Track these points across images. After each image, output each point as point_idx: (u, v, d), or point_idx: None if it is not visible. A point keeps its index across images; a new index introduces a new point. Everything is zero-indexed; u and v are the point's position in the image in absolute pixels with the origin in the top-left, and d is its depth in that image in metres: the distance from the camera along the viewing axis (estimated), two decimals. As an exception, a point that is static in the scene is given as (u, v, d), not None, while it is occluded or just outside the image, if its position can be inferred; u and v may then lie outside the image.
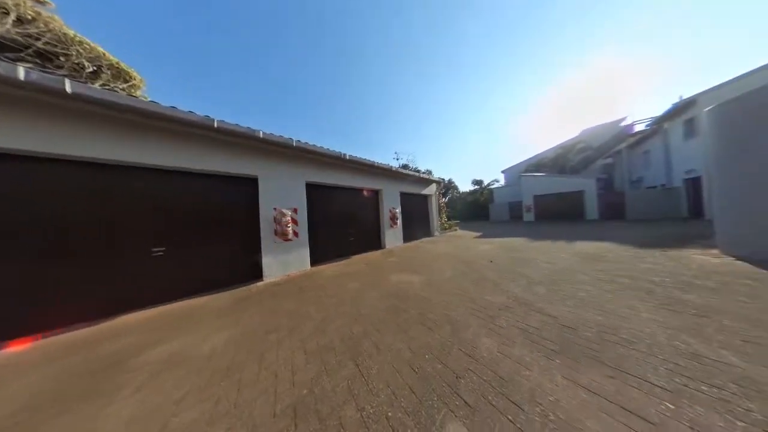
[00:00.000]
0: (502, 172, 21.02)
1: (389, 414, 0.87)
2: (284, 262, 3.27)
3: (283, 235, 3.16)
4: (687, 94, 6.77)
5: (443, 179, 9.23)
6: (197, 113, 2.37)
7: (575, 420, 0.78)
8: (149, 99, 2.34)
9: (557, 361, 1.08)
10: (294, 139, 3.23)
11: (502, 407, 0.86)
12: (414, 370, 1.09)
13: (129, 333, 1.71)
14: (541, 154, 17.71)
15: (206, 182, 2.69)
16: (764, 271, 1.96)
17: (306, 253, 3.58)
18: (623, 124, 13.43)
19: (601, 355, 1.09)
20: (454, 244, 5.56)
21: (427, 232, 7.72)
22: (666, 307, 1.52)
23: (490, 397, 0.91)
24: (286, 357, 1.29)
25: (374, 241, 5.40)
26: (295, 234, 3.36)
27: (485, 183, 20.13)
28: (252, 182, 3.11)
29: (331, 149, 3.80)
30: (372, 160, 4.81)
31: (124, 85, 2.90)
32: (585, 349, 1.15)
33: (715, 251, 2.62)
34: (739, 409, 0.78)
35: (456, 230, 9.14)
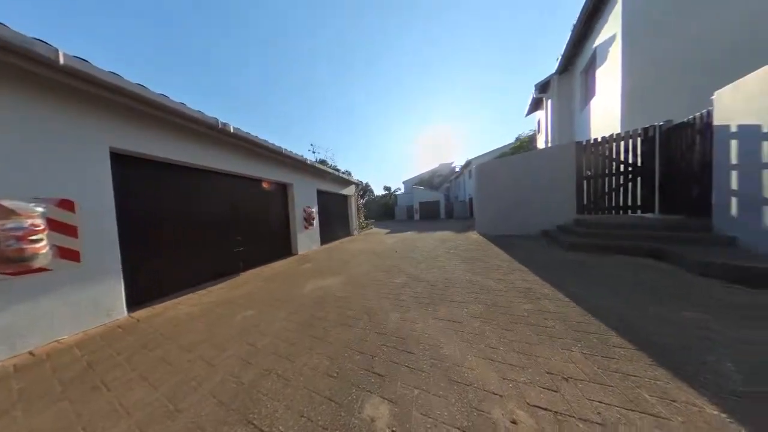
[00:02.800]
0: (403, 182, 28.13)
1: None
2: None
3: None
4: (473, 155, 14.85)
5: (362, 182, 9.80)
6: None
7: (435, 339, 1.27)
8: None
9: (429, 309, 1.66)
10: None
11: (402, 360, 1.12)
12: (332, 376, 1.03)
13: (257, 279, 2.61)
14: (422, 174, 27.75)
15: None
16: (488, 241, 4.64)
17: (112, 288, 1.82)
18: (453, 165, 25.23)
19: (445, 296, 1.88)
20: (371, 240, 6.18)
21: (347, 232, 7.79)
22: (464, 261, 3.03)
23: (395, 359, 1.14)
24: None
25: (282, 247, 4.33)
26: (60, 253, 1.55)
27: (392, 189, 26.18)
28: None
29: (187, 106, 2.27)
30: (278, 145, 3.64)
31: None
32: (440, 296, 1.89)
33: (475, 232, 5.80)
34: (490, 297, 1.77)
35: (372, 228, 10.33)
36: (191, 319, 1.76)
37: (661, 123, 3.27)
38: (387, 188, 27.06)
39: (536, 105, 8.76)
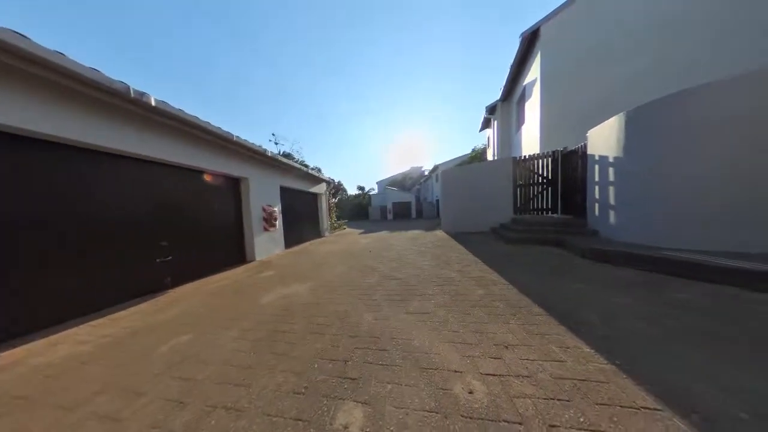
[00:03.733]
0: (376, 182, 28.30)
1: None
2: None
3: None
4: (440, 161, 16.38)
5: (333, 180, 9.04)
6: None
7: (407, 333, 1.34)
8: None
9: (402, 305, 1.74)
10: None
11: (376, 359, 1.13)
12: (300, 393, 0.94)
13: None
14: (395, 175, 28.79)
15: None
16: (450, 238, 5.25)
17: None
18: (422, 168, 27.15)
19: (416, 290, 2.01)
20: (344, 241, 5.99)
21: (318, 233, 7.30)
22: (431, 257, 3.31)
23: (369, 359, 1.13)
24: None
25: (232, 254, 3.62)
26: None
27: (366, 189, 26.14)
28: None
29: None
30: (227, 131, 2.99)
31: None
32: (411, 291, 2.01)
33: (441, 230, 6.46)
34: (453, 287, 1.99)
35: (345, 229, 10.01)
36: (81, 362, 1.25)
37: (561, 149, 4.53)
38: (361, 188, 26.71)
39: (486, 123, 10.52)
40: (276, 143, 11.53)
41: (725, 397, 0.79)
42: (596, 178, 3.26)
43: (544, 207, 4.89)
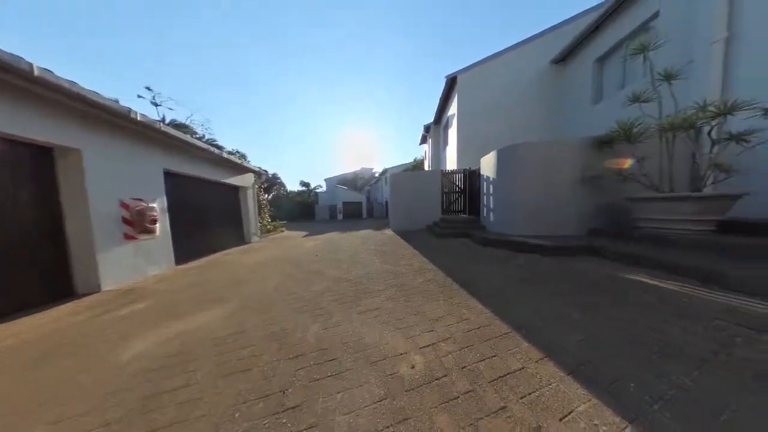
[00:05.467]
0: (325, 180, 25.71)
1: None
2: None
3: None
4: (388, 165, 17.87)
5: (265, 171, 7.21)
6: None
7: (358, 333, 1.34)
8: None
9: (352, 307, 1.71)
10: None
11: (324, 372, 1.04)
12: None
13: None
14: (345, 174, 27.31)
15: None
16: (398, 236, 5.82)
17: None
18: (373, 170, 27.51)
19: (367, 289, 2.05)
20: (282, 246, 5.07)
21: (240, 238, 5.62)
22: (381, 254, 3.54)
23: (315, 375, 1.03)
24: None
25: (35, 284, 2.00)
26: None
27: (313, 186, 22.86)
28: None
29: None
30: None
31: None
32: (363, 291, 2.03)
33: (390, 229, 6.95)
34: (399, 279, 2.17)
35: (283, 231, 8.46)
36: None
37: (469, 168, 6.33)
38: (305, 184, 23.17)
39: (424, 139, 12.66)
40: (156, 104, 7.96)
41: (533, 315, 1.45)
42: (484, 191, 4.86)
43: (460, 209, 6.62)
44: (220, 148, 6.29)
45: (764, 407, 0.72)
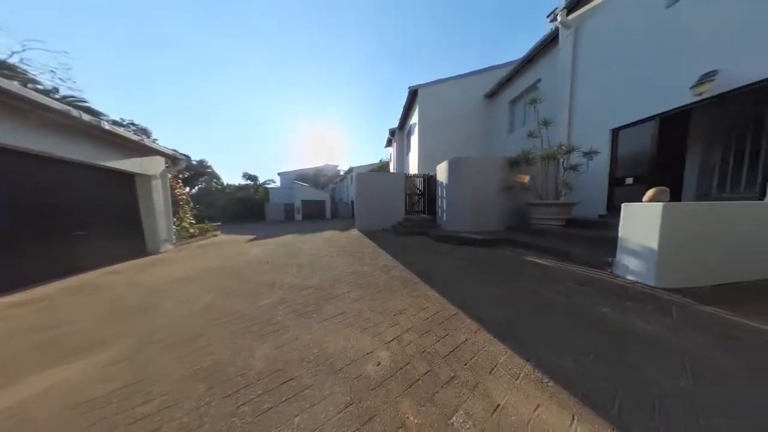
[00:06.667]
0: (279, 173, 22.08)
1: None
2: None
3: None
4: (354, 164, 17.31)
5: (185, 155, 5.55)
6: None
7: (320, 344, 1.25)
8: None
9: (314, 316, 1.58)
10: None
11: (279, 398, 0.91)
12: None
13: None
14: (305, 169, 23.74)
15: None
16: (363, 236, 5.81)
17: None
18: (338, 167, 25.84)
19: (332, 293, 1.94)
20: (217, 254, 3.95)
21: (139, 247, 4.03)
22: (347, 255, 3.40)
23: (266, 404, 0.88)
24: None
25: None
26: None
27: (262, 181, 19.08)
28: None
29: None
30: None
31: None
32: (327, 296, 1.91)
33: (356, 230, 6.91)
34: (365, 279, 2.15)
35: (216, 235, 6.63)
36: None
37: (427, 173, 7.17)
38: (251, 177, 19.34)
39: (389, 142, 13.25)
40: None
41: (472, 295, 1.81)
42: (439, 194, 5.64)
43: (421, 210, 7.38)
44: (96, 114, 4.20)
45: (576, 321, 1.33)
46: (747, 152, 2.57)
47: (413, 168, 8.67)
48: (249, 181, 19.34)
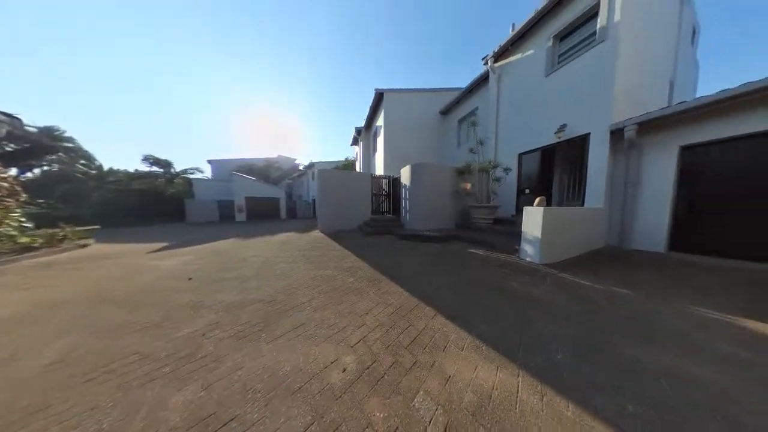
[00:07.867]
0: (209, 162, 17.79)
1: None
2: None
3: None
4: (316, 159, 15.48)
5: (11, 116, 3.62)
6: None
7: (272, 367, 1.06)
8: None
9: (261, 336, 1.32)
10: None
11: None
12: None
13: None
14: (251, 159, 19.29)
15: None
16: (327, 237, 5.43)
17: None
18: (296, 161, 22.64)
19: (287, 305, 1.70)
20: (87, 276, 2.67)
21: None
22: (307, 260, 3.07)
23: None
24: None
25: None
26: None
27: (179, 169, 14.54)
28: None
29: None
30: None
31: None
32: (280, 310, 1.64)
33: (318, 231, 6.47)
34: (330, 283, 1.99)
35: (88, 244, 4.71)
36: None
37: (392, 175, 7.56)
38: (157, 162, 14.18)
39: (355, 141, 13.00)
40: None
41: (429, 285, 2.04)
42: (403, 196, 6.07)
43: (386, 210, 7.67)
44: None
45: (500, 296, 1.73)
46: (576, 177, 4.22)
47: (380, 169, 8.90)
48: (155, 168, 13.96)
